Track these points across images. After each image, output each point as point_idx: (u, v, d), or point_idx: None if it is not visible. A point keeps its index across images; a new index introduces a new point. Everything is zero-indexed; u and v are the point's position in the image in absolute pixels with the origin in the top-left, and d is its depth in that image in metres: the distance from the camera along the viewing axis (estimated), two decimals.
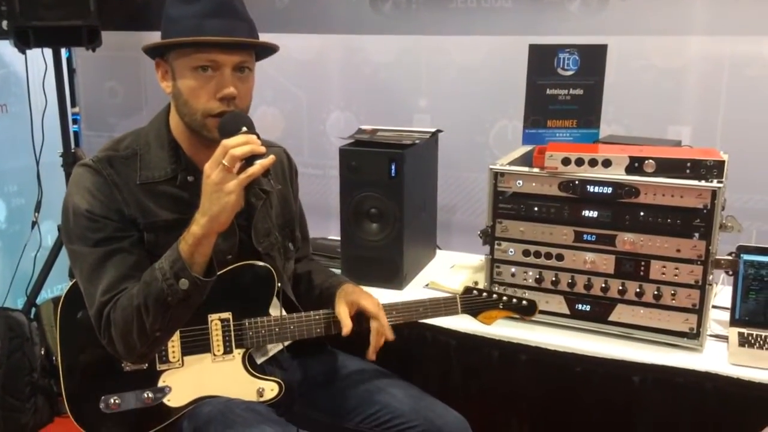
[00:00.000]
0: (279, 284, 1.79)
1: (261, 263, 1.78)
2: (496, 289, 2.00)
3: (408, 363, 2.17)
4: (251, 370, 1.77)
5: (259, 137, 1.55)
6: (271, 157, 1.52)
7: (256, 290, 1.78)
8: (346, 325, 1.76)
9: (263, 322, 1.77)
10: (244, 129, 1.55)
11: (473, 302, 1.95)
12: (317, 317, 1.80)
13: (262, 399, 1.77)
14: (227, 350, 1.75)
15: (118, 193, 1.63)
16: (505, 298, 1.96)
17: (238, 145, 1.48)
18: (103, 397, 1.71)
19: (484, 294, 1.95)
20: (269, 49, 1.74)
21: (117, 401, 1.71)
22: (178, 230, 1.60)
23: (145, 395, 1.72)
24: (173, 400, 1.72)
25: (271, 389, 1.78)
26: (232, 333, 1.75)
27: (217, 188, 1.49)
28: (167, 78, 1.68)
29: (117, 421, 1.71)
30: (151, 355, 1.69)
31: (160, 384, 1.72)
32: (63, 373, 1.75)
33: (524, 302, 1.96)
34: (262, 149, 1.51)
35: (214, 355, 1.74)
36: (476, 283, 1.97)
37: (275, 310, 1.82)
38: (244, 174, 1.48)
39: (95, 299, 1.60)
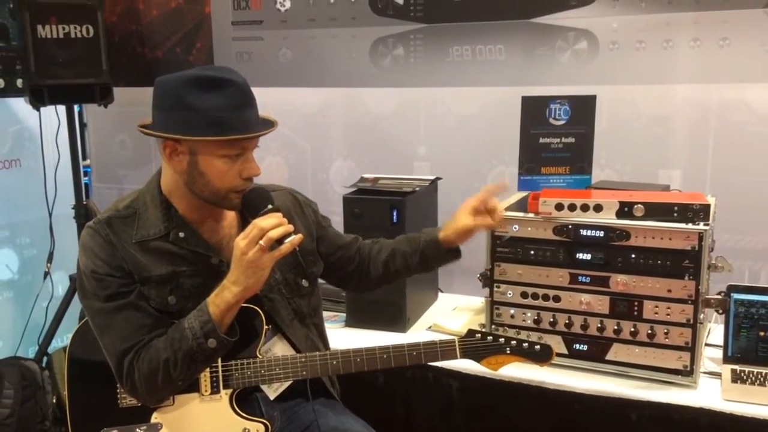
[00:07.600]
0: (267, 327, 1.83)
1: (249, 305, 1.79)
2: (504, 331, 1.84)
3: (410, 404, 2.23)
4: (238, 411, 1.82)
5: (278, 210, 1.72)
6: (299, 236, 1.69)
7: (244, 332, 1.79)
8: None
9: (249, 364, 1.81)
10: (270, 206, 1.72)
11: (475, 346, 1.81)
12: (303, 360, 1.82)
13: None
14: (215, 390, 1.81)
15: (116, 251, 1.75)
16: (513, 342, 1.80)
17: (274, 227, 1.65)
18: (103, 430, 1.79)
19: (489, 337, 1.81)
20: None
21: None
22: (171, 283, 1.76)
23: (138, 430, 1.80)
24: None
25: (256, 430, 1.81)
26: (220, 374, 1.81)
27: (253, 265, 1.66)
28: (179, 157, 1.74)
29: None
30: (168, 398, 1.80)
31: (153, 420, 1.81)
32: (69, 404, 1.86)
33: (537, 347, 1.79)
34: (291, 228, 1.68)
35: (202, 394, 1.81)
36: (483, 325, 1.88)
37: (284, 349, 1.88)
38: (277, 252, 1.67)
39: (113, 349, 1.74)
